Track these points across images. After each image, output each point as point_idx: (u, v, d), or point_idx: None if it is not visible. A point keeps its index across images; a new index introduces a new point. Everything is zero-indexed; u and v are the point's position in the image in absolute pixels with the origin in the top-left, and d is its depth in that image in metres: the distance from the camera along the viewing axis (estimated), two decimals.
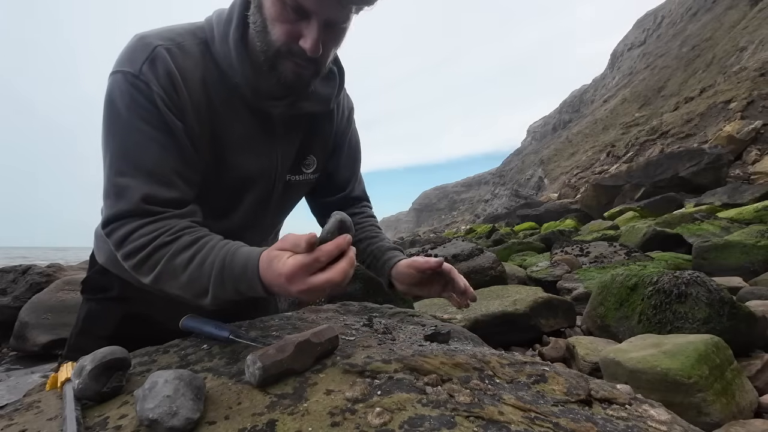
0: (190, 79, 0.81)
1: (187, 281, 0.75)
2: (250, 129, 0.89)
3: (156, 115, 0.78)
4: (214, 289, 0.74)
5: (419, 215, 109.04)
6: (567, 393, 0.64)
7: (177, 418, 0.53)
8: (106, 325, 1.05)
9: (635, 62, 46.74)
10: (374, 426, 0.53)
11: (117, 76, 0.78)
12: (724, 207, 7.33)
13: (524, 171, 45.23)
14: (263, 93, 0.87)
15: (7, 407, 0.69)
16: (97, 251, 1.09)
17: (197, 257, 0.75)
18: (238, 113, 0.88)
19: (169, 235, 0.76)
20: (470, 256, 3.81)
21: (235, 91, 0.86)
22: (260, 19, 0.78)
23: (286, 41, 0.77)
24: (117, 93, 0.78)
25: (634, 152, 20.09)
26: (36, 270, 4.18)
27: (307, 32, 0.75)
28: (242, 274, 0.72)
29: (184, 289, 0.76)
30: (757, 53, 20.83)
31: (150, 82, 0.77)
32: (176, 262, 0.75)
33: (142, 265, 0.77)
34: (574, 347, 2.04)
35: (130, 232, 0.76)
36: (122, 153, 0.78)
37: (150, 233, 0.76)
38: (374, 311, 1.12)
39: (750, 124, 12.91)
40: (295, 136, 0.99)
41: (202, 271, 0.74)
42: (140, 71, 0.77)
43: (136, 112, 0.77)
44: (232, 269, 0.73)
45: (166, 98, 0.79)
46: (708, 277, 1.98)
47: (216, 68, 0.84)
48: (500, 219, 19.45)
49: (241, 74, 0.83)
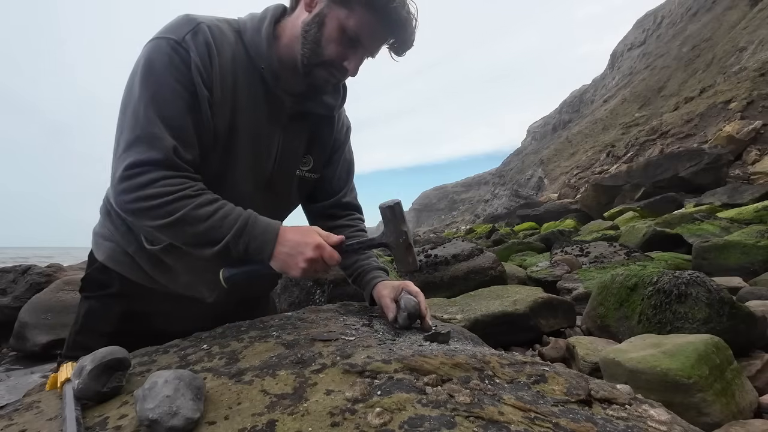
0: (222, 55, 0.92)
1: (204, 229, 0.84)
2: (260, 110, 0.98)
3: (189, 79, 0.87)
4: (229, 240, 0.85)
5: (419, 215, 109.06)
6: (567, 393, 0.64)
7: (177, 418, 0.53)
8: (106, 323, 1.05)
9: (635, 62, 46.77)
10: (374, 426, 0.53)
11: (159, 41, 0.86)
12: (724, 207, 7.32)
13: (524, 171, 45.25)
14: (282, 81, 0.98)
15: (7, 407, 0.69)
16: (96, 249, 1.09)
17: (220, 212, 0.85)
18: (256, 94, 0.97)
19: (193, 191, 0.85)
20: (470, 256, 3.81)
21: (257, 74, 0.96)
22: (317, 33, 0.91)
23: (334, 59, 0.93)
24: (156, 54, 0.86)
25: (634, 152, 20.10)
26: (36, 270, 4.18)
27: (353, 58, 0.94)
28: (262, 233, 0.86)
29: (199, 236, 0.85)
30: (756, 53, 20.83)
31: (190, 49, 0.86)
32: (200, 212, 0.84)
33: (159, 209, 0.82)
34: (574, 347, 2.03)
35: (157, 178, 0.83)
36: (155, 105, 0.84)
37: (177, 184, 0.84)
38: (374, 311, 1.12)
39: (750, 124, 12.91)
40: (299, 133, 1.06)
41: (223, 223, 0.85)
42: (183, 39, 0.86)
43: (171, 72, 0.85)
44: (255, 227, 0.86)
45: (201, 67, 0.87)
46: (708, 278, 1.98)
47: (245, 53, 0.96)
48: (500, 219, 19.46)
49: (267, 59, 0.95)
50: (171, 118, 0.85)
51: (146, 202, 0.82)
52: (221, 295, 1.06)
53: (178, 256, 0.99)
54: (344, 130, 1.21)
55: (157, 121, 0.84)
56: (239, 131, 0.96)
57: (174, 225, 0.83)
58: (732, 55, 23.90)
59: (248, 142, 0.98)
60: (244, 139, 0.97)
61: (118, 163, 0.84)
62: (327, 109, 1.08)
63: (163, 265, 1.02)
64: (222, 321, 1.01)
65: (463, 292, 3.21)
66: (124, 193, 0.84)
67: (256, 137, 0.99)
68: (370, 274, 1.13)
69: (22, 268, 4.19)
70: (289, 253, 0.86)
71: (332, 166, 1.19)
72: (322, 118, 1.09)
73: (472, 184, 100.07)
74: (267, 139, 1.00)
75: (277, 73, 0.97)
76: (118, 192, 0.84)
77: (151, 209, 0.83)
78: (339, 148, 1.19)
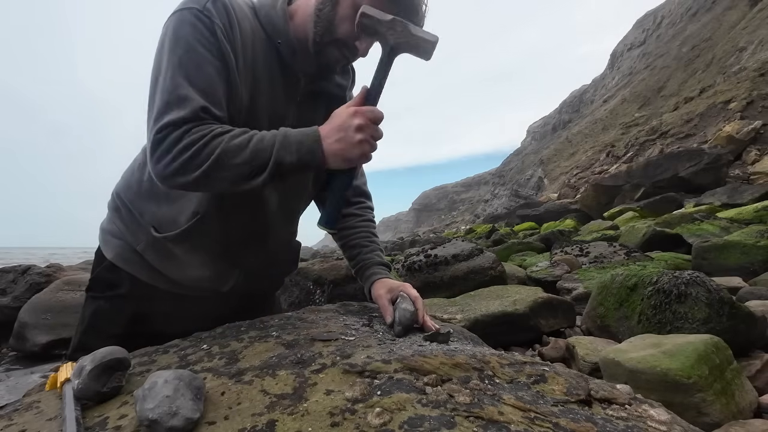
0: (243, 26, 0.92)
1: (250, 155, 0.82)
2: (277, 85, 0.99)
3: (215, 44, 0.87)
4: (278, 154, 0.82)
5: (419, 215, 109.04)
6: (567, 393, 0.64)
7: (177, 418, 0.53)
8: (115, 324, 1.04)
9: (635, 62, 46.77)
10: (374, 426, 0.53)
11: (182, 12, 0.87)
12: (724, 207, 7.32)
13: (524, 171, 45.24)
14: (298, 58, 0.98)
15: (7, 407, 0.69)
16: (104, 247, 1.08)
17: (255, 137, 0.83)
18: (272, 70, 0.97)
19: (222, 129, 0.84)
20: (470, 256, 3.81)
21: (273, 50, 0.97)
22: (330, 11, 0.91)
23: (346, 39, 0.92)
24: (180, 24, 0.86)
25: (634, 152, 20.10)
26: (36, 270, 4.17)
27: (365, 38, 0.92)
28: (303, 135, 0.84)
29: (245, 165, 0.82)
30: (756, 53, 20.84)
31: (212, 16, 0.87)
32: (236, 142, 0.82)
33: (198, 155, 0.81)
34: (573, 347, 2.03)
35: (186, 130, 0.81)
36: (183, 70, 0.84)
37: (205, 128, 0.83)
38: (374, 311, 1.12)
39: (749, 125, 12.91)
40: (312, 113, 1.05)
41: (263, 144, 0.83)
42: (204, 7, 0.87)
43: (197, 39, 0.85)
44: (292, 135, 0.84)
45: (225, 32, 0.88)
46: (708, 277, 1.98)
47: (261, 28, 0.96)
48: (500, 219, 19.45)
49: (284, 34, 0.96)
50: (200, 80, 0.84)
51: (182, 155, 0.80)
52: (237, 285, 1.06)
53: (190, 246, 0.99)
54: None
55: (185, 84, 0.83)
56: (258, 105, 0.96)
57: (218, 164, 0.81)
58: (732, 55, 23.90)
59: (265, 118, 0.97)
60: (261, 114, 0.96)
61: (150, 134, 0.83)
62: (340, 89, 1.09)
63: (173, 258, 1.01)
64: (223, 322, 1.01)
65: (463, 292, 3.21)
66: (160, 159, 0.81)
67: (273, 114, 0.98)
68: (370, 270, 1.14)
69: (22, 268, 4.19)
70: (338, 139, 0.84)
71: None
72: (334, 99, 1.08)
73: (472, 184, 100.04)
74: (281, 117, 1.00)
75: (294, 48, 0.97)
76: (154, 162, 0.82)
77: (191, 159, 0.80)
78: None
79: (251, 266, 1.09)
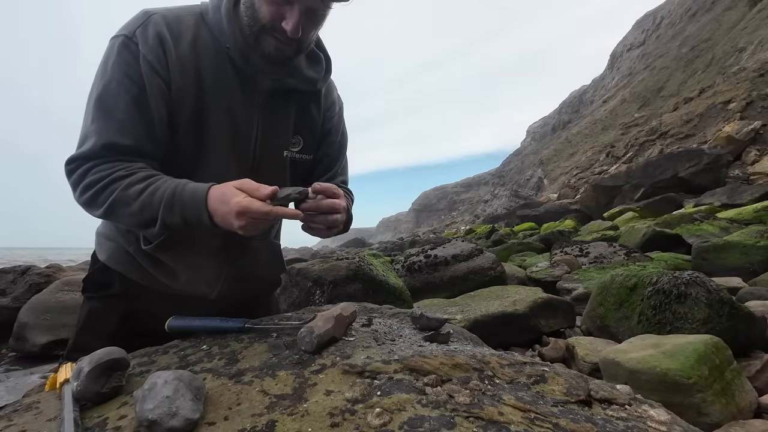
0: (180, 42, 0.91)
1: (138, 209, 0.82)
2: (233, 90, 0.95)
3: (137, 71, 0.87)
4: (163, 214, 0.81)
5: (419, 215, 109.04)
6: (567, 393, 0.64)
7: (176, 418, 0.53)
8: (108, 323, 1.05)
9: (634, 63, 46.79)
10: (374, 426, 0.53)
11: (113, 40, 0.88)
12: (724, 207, 7.33)
13: (524, 171, 45.24)
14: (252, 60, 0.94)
15: (7, 408, 0.69)
16: (98, 249, 1.09)
17: (150, 188, 0.83)
18: (225, 75, 0.95)
19: (124, 171, 0.84)
20: (470, 256, 3.81)
21: (223, 55, 0.94)
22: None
23: (270, 20, 0.87)
24: (109, 53, 0.88)
25: (634, 153, 20.10)
26: (35, 270, 4.17)
27: (290, 16, 0.86)
28: (191, 199, 0.81)
29: (136, 217, 0.83)
30: (756, 54, 20.85)
31: (139, 43, 0.87)
32: (129, 192, 0.82)
33: (97, 197, 0.83)
34: (573, 348, 2.03)
35: (88, 169, 0.84)
36: (99, 102, 0.86)
37: (107, 169, 0.84)
38: (374, 311, 1.12)
39: (749, 125, 12.91)
40: (283, 113, 1.03)
41: (153, 199, 0.82)
42: (133, 34, 0.88)
43: (120, 67, 0.86)
44: (183, 195, 0.81)
45: (153, 59, 0.87)
46: (707, 278, 1.98)
47: (209, 34, 0.94)
48: (500, 219, 19.46)
49: (231, 37, 0.92)
50: (114, 112, 0.86)
51: (86, 192, 0.84)
52: (222, 291, 1.06)
53: (175, 254, 0.99)
54: (336, 108, 1.16)
55: (99, 116, 0.86)
56: (209, 114, 0.93)
57: (113, 209, 0.83)
58: (731, 56, 23.92)
59: (224, 125, 0.95)
60: (217, 122, 0.94)
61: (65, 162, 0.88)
62: (309, 83, 1.04)
63: (162, 264, 1.01)
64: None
65: (463, 293, 3.21)
66: (73, 190, 0.87)
67: (232, 122, 0.96)
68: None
69: (22, 269, 4.19)
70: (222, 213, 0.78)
71: (326, 148, 1.15)
72: (307, 95, 1.06)
73: (472, 184, 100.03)
74: (244, 121, 0.97)
75: (244, 51, 0.92)
76: (71, 189, 0.87)
77: (93, 198, 0.84)
78: (331, 129, 1.15)
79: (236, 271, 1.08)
